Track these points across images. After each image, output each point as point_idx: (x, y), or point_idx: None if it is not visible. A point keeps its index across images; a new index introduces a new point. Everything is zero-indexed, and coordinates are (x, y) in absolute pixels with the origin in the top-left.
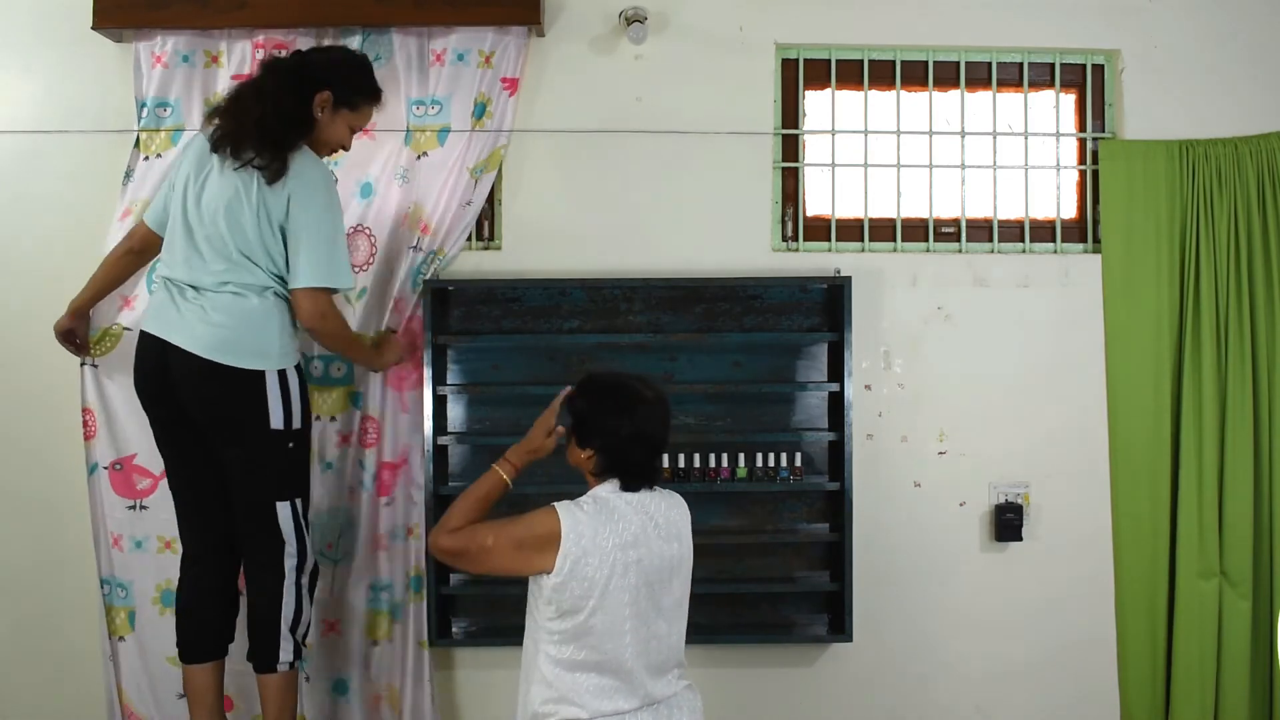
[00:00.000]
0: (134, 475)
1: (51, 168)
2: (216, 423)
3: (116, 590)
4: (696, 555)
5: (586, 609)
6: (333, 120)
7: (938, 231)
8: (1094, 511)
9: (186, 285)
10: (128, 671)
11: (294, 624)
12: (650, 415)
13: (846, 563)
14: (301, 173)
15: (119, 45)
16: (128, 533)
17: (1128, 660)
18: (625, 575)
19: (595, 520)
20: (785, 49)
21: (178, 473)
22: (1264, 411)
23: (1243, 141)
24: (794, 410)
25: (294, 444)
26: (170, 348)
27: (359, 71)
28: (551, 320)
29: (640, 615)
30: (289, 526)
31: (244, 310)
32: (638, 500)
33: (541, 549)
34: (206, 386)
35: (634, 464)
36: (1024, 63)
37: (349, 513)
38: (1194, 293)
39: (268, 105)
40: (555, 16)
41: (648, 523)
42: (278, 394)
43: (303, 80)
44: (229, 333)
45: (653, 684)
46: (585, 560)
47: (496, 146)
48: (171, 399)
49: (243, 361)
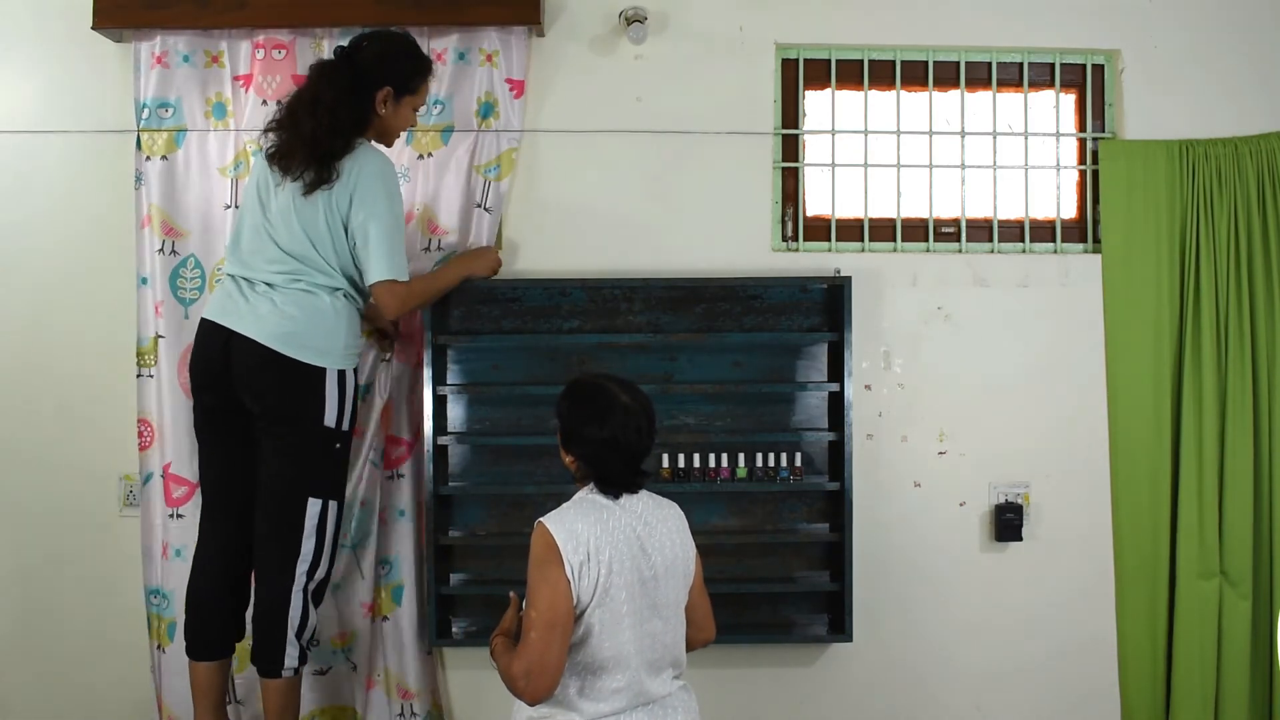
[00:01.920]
0: (171, 484)
1: (51, 168)
2: (270, 412)
3: (161, 600)
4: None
5: (590, 608)
6: (397, 111)
7: (938, 231)
8: (1094, 511)
9: (258, 280)
10: (168, 681)
11: (300, 630)
12: (626, 424)
13: (846, 563)
14: (363, 168)
15: (119, 45)
16: (171, 542)
17: (1128, 660)
18: (621, 572)
19: (584, 519)
20: (785, 49)
21: (211, 463)
22: (1264, 411)
23: (1243, 141)
24: (794, 410)
25: (340, 445)
26: (235, 336)
27: (411, 59)
28: (551, 320)
29: (637, 613)
30: (313, 525)
31: (315, 307)
32: (623, 501)
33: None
34: (266, 375)
35: (613, 471)
36: (1024, 63)
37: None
38: (1194, 292)
39: (322, 118)
40: (555, 16)
41: (636, 522)
42: (335, 393)
43: (360, 83)
44: (298, 326)
45: (649, 681)
46: (588, 562)
47: (508, 148)
48: (226, 388)
49: (307, 356)
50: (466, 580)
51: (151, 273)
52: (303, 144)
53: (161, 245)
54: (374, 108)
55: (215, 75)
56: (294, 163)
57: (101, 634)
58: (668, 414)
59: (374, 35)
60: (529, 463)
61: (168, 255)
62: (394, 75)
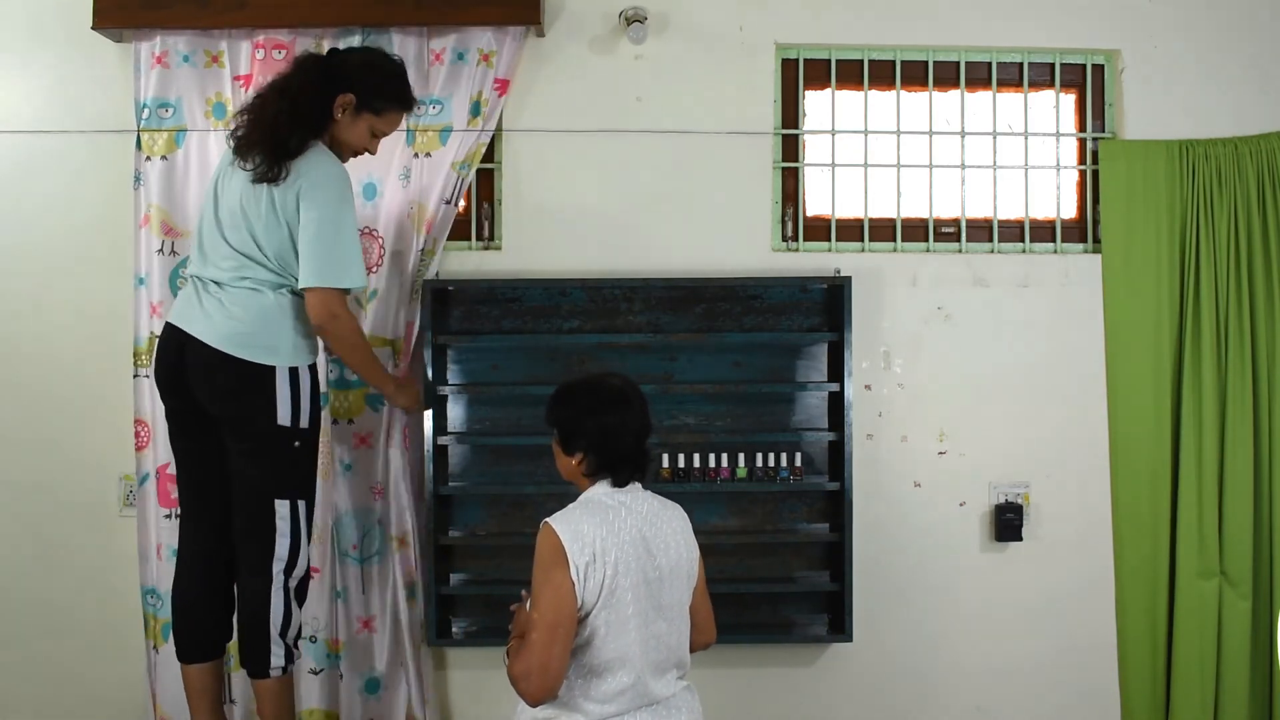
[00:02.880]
0: (166, 484)
1: (51, 168)
2: (226, 414)
3: (157, 601)
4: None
5: (595, 609)
6: (354, 123)
7: (938, 231)
8: (1094, 511)
9: (210, 280)
10: (162, 681)
11: (283, 629)
12: (628, 405)
13: (846, 563)
14: (311, 171)
15: (119, 45)
16: (167, 542)
17: (1128, 660)
18: (627, 573)
19: (591, 520)
20: (785, 49)
21: (185, 467)
22: (1264, 411)
23: (1243, 141)
24: (794, 410)
25: (299, 443)
26: (188, 339)
27: (389, 78)
28: (551, 320)
29: (642, 614)
30: (285, 526)
31: (259, 306)
32: (630, 501)
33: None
34: (218, 377)
35: (624, 454)
36: (1024, 63)
37: (374, 513)
38: (1194, 293)
39: (285, 103)
40: (555, 16)
41: (642, 523)
42: (287, 391)
43: (328, 79)
44: (243, 326)
45: (654, 683)
46: (594, 563)
47: (478, 144)
48: (187, 391)
49: (254, 355)
50: (466, 580)
51: (149, 272)
52: (261, 129)
53: (161, 245)
54: (332, 110)
55: (215, 75)
56: (252, 149)
57: (102, 634)
58: (668, 414)
59: (370, 48)
60: (529, 463)
61: (167, 255)
62: (362, 86)
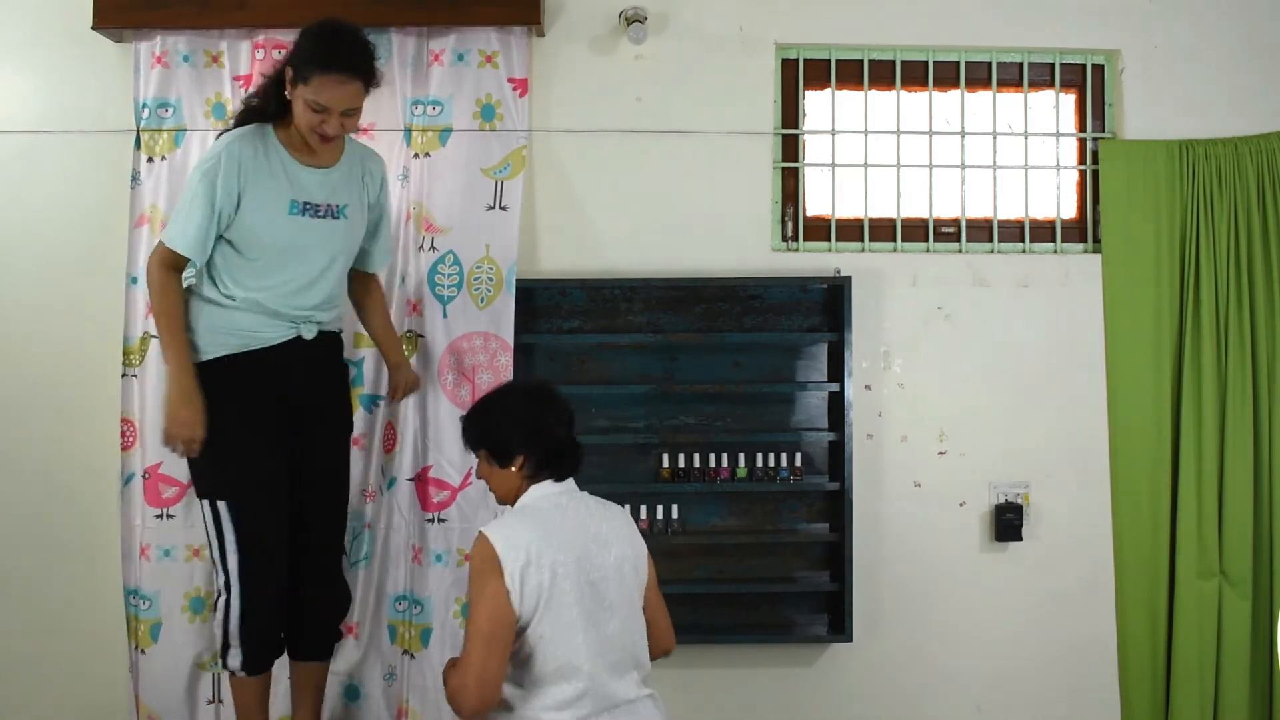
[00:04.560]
0: (160, 484)
1: (51, 168)
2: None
3: (141, 602)
4: (696, 555)
5: (535, 617)
6: (295, 97)
7: (938, 231)
8: (1094, 511)
9: None
10: (147, 683)
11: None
12: (548, 396)
13: (846, 563)
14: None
15: (119, 45)
16: (156, 542)
17: (1128, 660)
18: (567, 576)
19: (526, 525)
20: (785, 49)
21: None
22: (1264, 411)
23: (1243, 141)
24: (794, 410)
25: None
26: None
27: (315, 42)
28: (551, 320)
29: (589, 615)
30: (211, 526)
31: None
32: (568, 502)
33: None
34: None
35: (561, 443)
36: (1024, 63)
37: (364, 517)
38: (1194, 293)
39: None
40: (555, 16)
41: (581, 522)
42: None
43: (285, 61)
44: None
45: (614, 684)
46: (529, 569)
47: (516, 147)
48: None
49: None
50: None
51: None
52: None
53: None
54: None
55: (215, 75)
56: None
57: (97, 634)
58: (668, 414)
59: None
60: None
61: None
62: (294, 57)
